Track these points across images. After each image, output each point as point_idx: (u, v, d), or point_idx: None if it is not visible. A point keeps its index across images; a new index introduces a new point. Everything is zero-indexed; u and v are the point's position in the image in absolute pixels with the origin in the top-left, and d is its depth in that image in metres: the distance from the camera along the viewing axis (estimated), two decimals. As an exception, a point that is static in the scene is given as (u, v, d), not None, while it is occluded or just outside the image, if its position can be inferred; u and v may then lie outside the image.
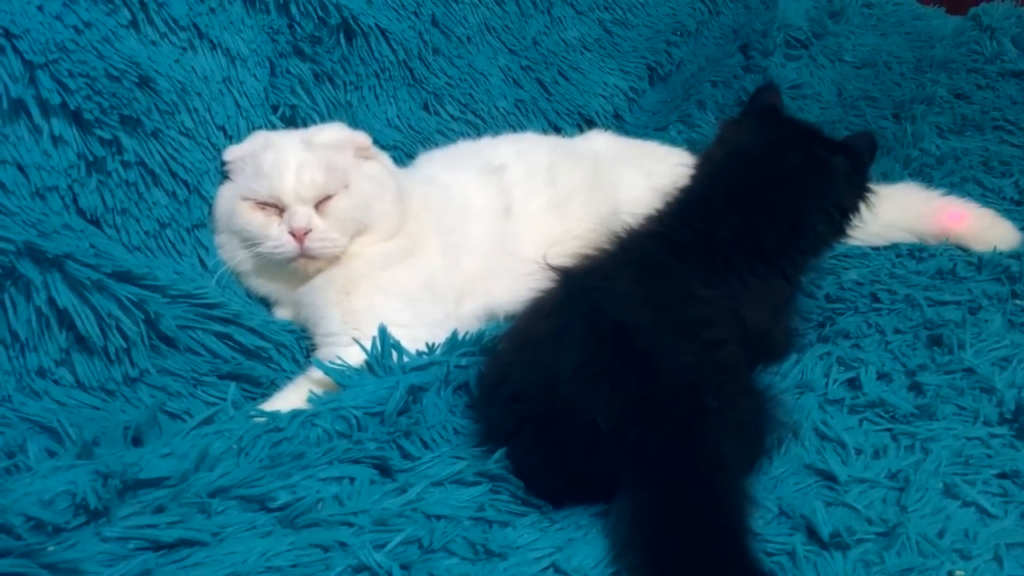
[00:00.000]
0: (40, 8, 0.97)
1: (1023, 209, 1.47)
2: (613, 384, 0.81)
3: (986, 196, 1.51)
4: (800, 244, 1.03)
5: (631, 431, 0.78)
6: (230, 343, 1.08)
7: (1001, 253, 1.31)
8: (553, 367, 0.83)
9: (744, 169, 1.04)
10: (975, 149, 1.66)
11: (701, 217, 1.01)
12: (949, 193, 1.43)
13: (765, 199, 1.01)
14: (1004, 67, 1.93)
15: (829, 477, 0.88)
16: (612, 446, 0.78)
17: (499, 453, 0.88)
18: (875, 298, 1.22)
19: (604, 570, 0.77)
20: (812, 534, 0.81)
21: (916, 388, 1.02)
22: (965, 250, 1.34)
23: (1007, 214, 1.44)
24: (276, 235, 1.10)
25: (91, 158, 1.01)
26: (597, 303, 0.87)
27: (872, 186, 1.09)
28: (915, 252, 1.35)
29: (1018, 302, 1.19)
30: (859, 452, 0.92)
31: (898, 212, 1.36)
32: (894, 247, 1.37)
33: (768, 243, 1.00)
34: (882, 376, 1.05)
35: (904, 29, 2.19)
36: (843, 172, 1.03)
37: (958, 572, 0.77)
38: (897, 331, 1.14)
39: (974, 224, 1.37)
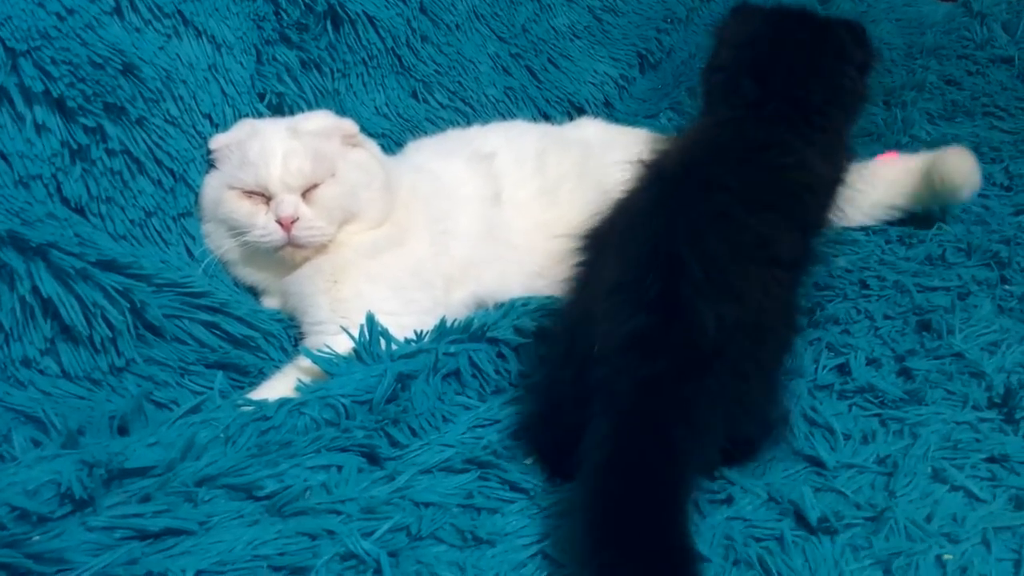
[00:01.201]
0: (22, -6, 0.96)
1: (1012, 195, 1.47)
2: (633, 311, 0.75)
3: (976, 182, 1.51)
4: (838, 101, 0.99)
5: (620, 359, 0.74)
6: (217, 332, 1.07)
7: (991, 239, 1.31)
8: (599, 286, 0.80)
9: (758, 50, 1.00)
10: (965, 135, 1.65)
11: (745, 103, 0.96)
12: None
13: (790, 66, 0.98)
14: (994, 53, 1.93)
15: (817, 463, 0.88)
16: (593, 369, 0.75)
17: (487, 440, 0.88)
18: (864, 284, 1.22)
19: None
20: (800, 519, 0.81)
21: (905, 373, 1.03)
22: (955, 235, 1.34)
23: (997, 200, 1.44)
24: (263, 224, 1.09)
25: (75, 146, 1.00)
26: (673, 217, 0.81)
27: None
28: (904, 238, 1.35)
29: (1007, 287, 1.19)
30: (848, 437, 0.92)
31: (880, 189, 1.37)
32: (883, 233, 1.37)
33: (815, 95, 0.96)
34: (871, 362, 1.05)
35: (895, 15, 2.19)
36: (846, 35, 1.01)
37: (946, 556, 0.77)
38: (886, 317, 1.14)
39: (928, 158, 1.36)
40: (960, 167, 1.34)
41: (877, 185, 1.35)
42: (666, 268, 0.76)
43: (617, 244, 0.84)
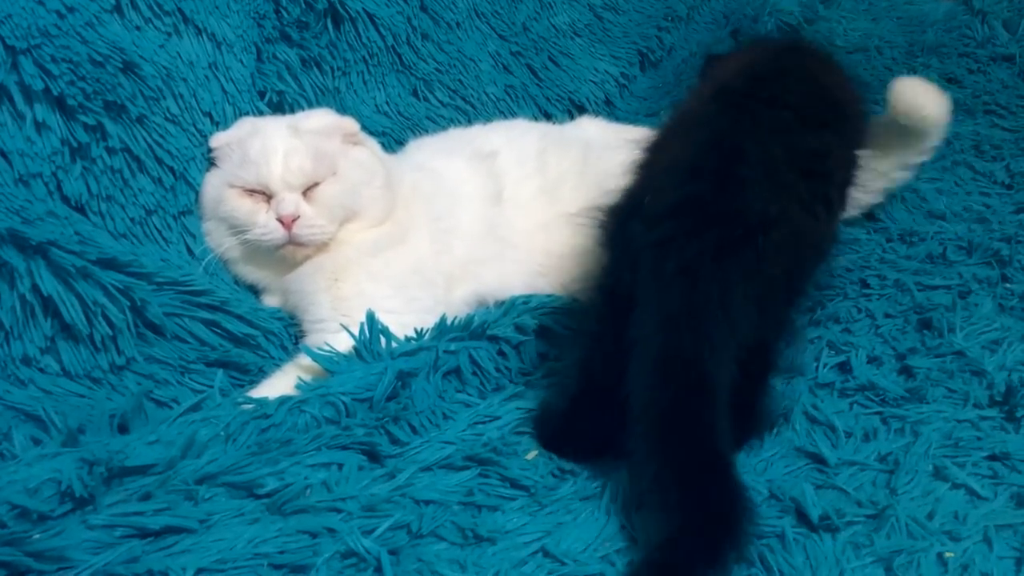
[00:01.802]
0: (22, -8, 0.96)
1: (1013, 193, 1.47)
2: (689, 179, 0.80)
3: (977, 180, 1.51)
4: None
5: (669, 223, 0.79)
6: (218, 330, 1.07)
7: (992, 237, 1.30)
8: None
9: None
10: (966, 133, 1.65)
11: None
12: (939, 176, 1.42)
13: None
14: (995, 51, 1.92)
15: (819, 460, 0.89)
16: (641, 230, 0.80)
17: (487, 437, 0.89)
18: (864, 283, 1.22)
19: (592, 554, 0.77)
20: (802, 516, 0.81)
21: (906, 371, 1.03)
22: (955, 233, 1.34)
23: (998, 198, 1.44)
24: (264, 222, 1.09)
25: (75, 144, 1.00)
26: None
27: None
28: (905, 236, 1.35)
29: (1008, 286, 1.19)
30: (849, 435, 0.92)
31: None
32: (884, 231, 1.36)
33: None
34: (872, 360, 1.05)
35: (896, 14, 2.18)
36: None
37: (948, 554, 0.77)
38: (887, 315, 1.14)
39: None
40: (920, 94, 1.29)
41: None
42: (727, 153, 0.81)
43: (680, 135, 0.88)
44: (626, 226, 0.85)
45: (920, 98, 1.27)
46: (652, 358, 0.77)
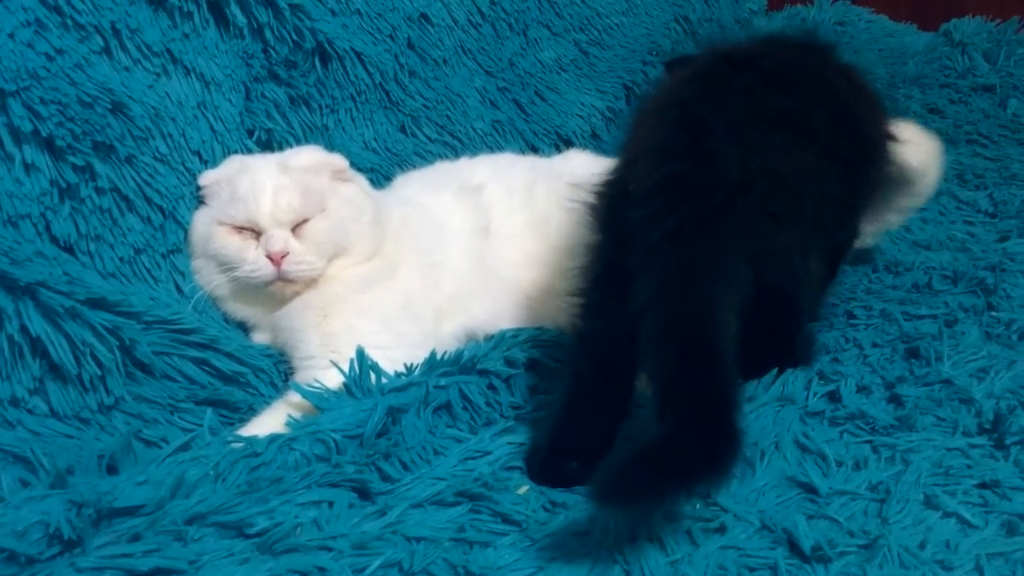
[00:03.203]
0: (11, 36, 0.96)
1: (997, 221, 1.49)
2: (662, 162, 0.84)
3: (961, 209, 1.53)
4: None
5: (651, 202, 0.82)
6: (207, 369, 1.07)
7: (976, 266, 1.31)
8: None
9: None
10: (949, 163, 1.66)
11: None
12: (923, 206, 1.43)
13: None
14: (976, 81, 1.96)
15: (810, 489, 0.88)
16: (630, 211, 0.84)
17: (478, 472, 0.88)
18: (851, 315, 1.22)
19: (585, 589, 0.76)
20: (794, 547, 0.80)
21: (895, 400, 1.03)
22: (940, 263, 1.35)
23: (982, 226, 1.45)
24: (253, 259, 1.09)
25: (64, 185, 1.00)
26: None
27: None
28: (891, 267, 1.36)
29: (994, 314, 1.20)
30: (840, 464, 0.92)
31: None
32: (870, 263, 1.37)
33: None
34: (861, 389, 1.05)
35: (877, 46, 2.22)
36: None
37: (940, 583, 0.77)
38: (875, 345, 1.14)
39: None
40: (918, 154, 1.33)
41: None
42: (693, 127, 0.85)
43: (653, 116, 0.93)
44: (615, 207, 0.89)
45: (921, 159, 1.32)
46: (653, 328, 0.80)
